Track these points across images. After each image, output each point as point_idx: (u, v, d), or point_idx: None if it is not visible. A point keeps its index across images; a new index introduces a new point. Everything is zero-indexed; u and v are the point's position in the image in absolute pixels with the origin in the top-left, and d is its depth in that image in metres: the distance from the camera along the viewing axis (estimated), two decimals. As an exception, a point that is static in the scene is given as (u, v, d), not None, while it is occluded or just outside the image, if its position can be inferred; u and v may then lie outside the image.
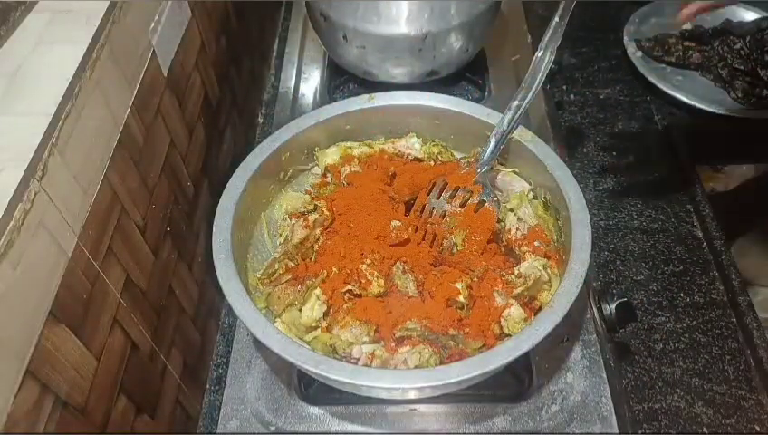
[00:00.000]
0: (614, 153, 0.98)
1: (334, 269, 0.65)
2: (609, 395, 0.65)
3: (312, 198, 0.73)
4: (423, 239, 0.68)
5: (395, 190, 0.71)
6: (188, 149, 0.74)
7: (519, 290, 0.63)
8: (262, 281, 0.67)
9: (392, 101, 0.77)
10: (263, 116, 1.03)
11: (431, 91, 0.77)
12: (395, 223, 0.67)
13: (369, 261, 0.65)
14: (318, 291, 0.63)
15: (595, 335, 0.69)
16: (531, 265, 0.64)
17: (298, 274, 0.66)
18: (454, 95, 0.78)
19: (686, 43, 1.08)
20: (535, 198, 0.72)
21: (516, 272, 0.64)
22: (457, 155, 0.78)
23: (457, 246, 0.67)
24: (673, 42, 1.08)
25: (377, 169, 0.73)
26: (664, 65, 1.08)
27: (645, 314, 0.81)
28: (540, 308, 0.62)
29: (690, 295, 0.82)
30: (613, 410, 0.64)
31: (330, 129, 0.76)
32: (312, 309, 0.63)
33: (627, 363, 0.76)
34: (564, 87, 1.07)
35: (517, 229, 0.68)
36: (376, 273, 0.64)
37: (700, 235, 0.88)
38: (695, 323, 0.80)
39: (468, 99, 0.77)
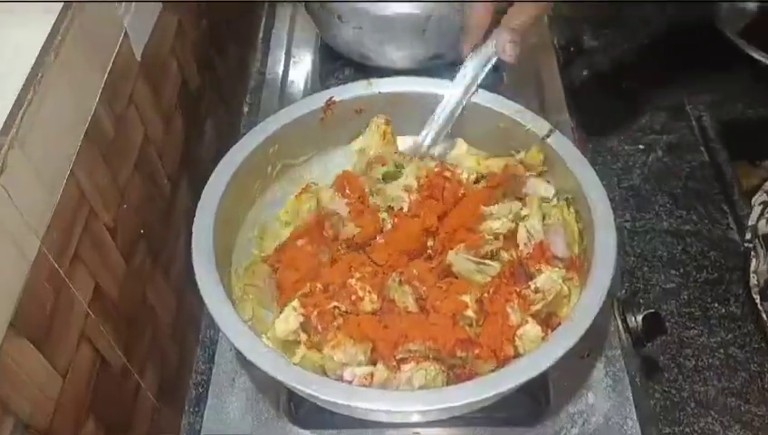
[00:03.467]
0: (641, 147, 0.98)
1: (318, 285, 0.65)
2: (636, 417, 0.65)
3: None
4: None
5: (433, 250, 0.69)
6: (165, 141, 0.74)
7: (538, 307, 0.63)
8: (247, 289, 0.67)
9: (393, 88, 0.77)
10: (248, 105, 1.03)
11: (436, 77, 0.77)
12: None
13: (358, 275, 0.65)
14: (296, 302, 0.63)
15: (619, 350, 0.69)
16: (548, 277, 0.64)
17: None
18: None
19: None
20: (558, 200, 0.72)
21: (533, 286, 0.64)
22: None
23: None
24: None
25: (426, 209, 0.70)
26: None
27: (675, 326, 0.80)
28: (559, 326, 0.62)
29: (726, 306, 0.82)
30: (640, 433, 0.64)
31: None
32: (287, 321, 0.62)
33: (655, 382, 0.76)
34: (584, 72, 1.07)
35: (525, 245, 0.68)
36: (368, 287, 0.64)
37: (737, 238, 0.88)
38: (731, 336, 0.79)
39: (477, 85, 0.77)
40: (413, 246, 0.68)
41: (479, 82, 0.74)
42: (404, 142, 0.78)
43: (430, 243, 0.69)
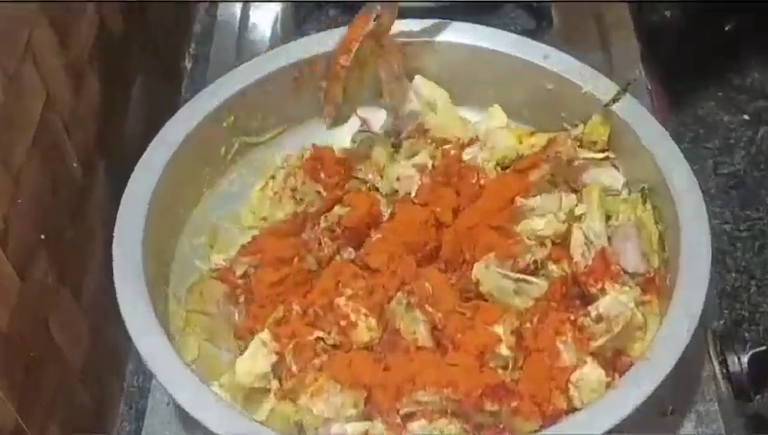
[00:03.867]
0: (745, 117, 0.98)
1: (295, 307, 0.65)
2: (740, 498, 0.66)
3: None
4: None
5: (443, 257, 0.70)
6: (76, 109, 0.74)
7: (600, 342, 0.63)
8: (191, 318, 0.67)
9: (398, 37, 0.76)
10: (192, 59, 1.03)
11: (454, 18, 0.78)
12: None
13: (349, 292, 0.65)
14: (265, 335, 0.64)
15: (716, 405, 0.69)
16: (615, 301, 0.64)
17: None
18: (492, 26, 0.78)
19: None
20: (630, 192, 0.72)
21: (594, 313, 0.64)
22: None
23: None
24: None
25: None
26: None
27: (795, 370, 0.80)
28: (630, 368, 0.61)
29: None
30: None
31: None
32: (255, 359, 0.62)
33: (766, 448, 0.76)
34: (666, 13, 1.07)
35: (582, 255, 0.67)
36: (363, 309, 0.64)
37: None
38: None
39: (515, 31, 0.77)
40: (416, 238, 0.68)
41: None
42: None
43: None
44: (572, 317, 0.64)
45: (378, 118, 0.80)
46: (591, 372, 0.61)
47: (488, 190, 0.71)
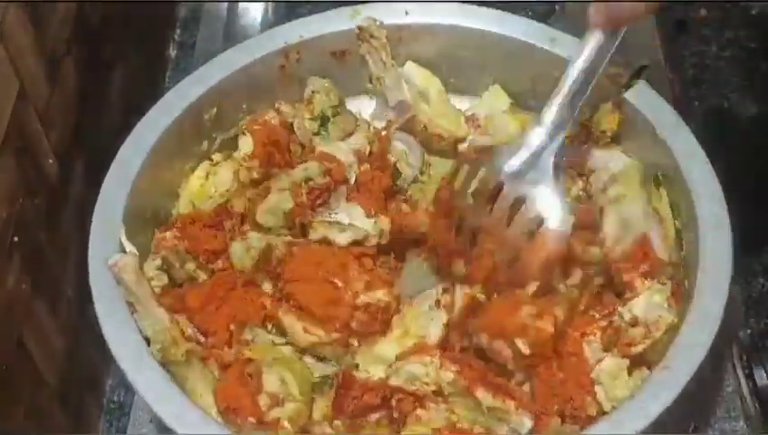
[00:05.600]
0: (775, 109, 0.98)
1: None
2: None
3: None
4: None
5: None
6: (51, 100, 0.74)
7: (641, 348, 0.63)
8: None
9: (391, 20, 0.77)
10: (177, 45, 1.03)
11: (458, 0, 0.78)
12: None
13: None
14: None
15: (742, 422, 0.70)
16: (649, 301, 0.64)
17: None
18: (500, 8, 0.78)
19: None
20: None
21: (627, 314, 0.64)
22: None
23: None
24: None
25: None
26: None
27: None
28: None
29: None
30: None
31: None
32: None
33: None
34: (689, -2, 1.07)
35: (618, 239, 0.67)
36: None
37: None
38: None
39: (524, 15, 0.78)
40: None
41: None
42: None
43: None
44: (601, 317, 0.65)
45: (367, 108, 0.80)
46: (611, 364, 0.62)
47: None
